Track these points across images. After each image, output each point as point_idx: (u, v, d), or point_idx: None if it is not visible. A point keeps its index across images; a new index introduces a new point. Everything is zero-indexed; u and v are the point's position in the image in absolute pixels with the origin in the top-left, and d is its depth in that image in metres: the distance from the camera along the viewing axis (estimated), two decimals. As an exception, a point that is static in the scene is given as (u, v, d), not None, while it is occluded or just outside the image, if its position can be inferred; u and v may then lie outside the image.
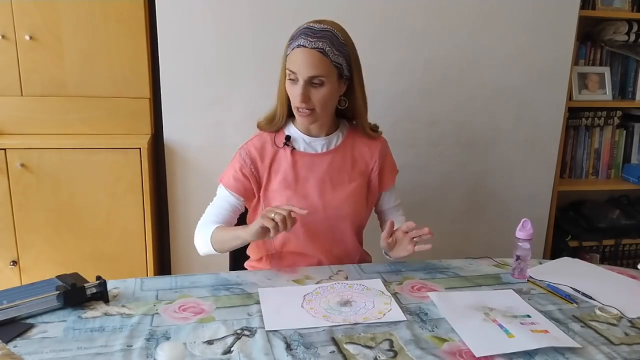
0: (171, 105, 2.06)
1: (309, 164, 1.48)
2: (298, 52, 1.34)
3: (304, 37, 1.34)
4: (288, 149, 1.48)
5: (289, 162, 1.47)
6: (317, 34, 1.34)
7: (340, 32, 1.39)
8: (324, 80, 1.36)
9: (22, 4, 1.91)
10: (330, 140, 1.51)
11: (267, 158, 1.48)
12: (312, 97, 1.37)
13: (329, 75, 1.36)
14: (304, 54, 1.34)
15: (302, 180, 1.47)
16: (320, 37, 1.34)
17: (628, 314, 1.23)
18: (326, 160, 1.49)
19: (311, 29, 1.36)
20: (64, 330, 1.10)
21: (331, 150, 1.50)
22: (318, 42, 1.34)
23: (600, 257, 2.67)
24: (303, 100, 1.36)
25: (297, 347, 1.07)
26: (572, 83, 2.46)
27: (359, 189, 1.51)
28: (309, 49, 1.33)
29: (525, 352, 1.06)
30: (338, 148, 1.51)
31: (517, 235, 1.39)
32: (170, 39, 1.99)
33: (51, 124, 2.03)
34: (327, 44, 1.34)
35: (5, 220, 1.97)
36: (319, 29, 1.36)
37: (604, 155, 2.67)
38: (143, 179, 1.99)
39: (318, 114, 1.41)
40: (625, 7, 2.49)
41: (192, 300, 1.25)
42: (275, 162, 1.48)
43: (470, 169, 2.34)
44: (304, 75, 1.34)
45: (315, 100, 1.37)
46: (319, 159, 1.49)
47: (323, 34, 1.35)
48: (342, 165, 1.50)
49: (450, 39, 2.17)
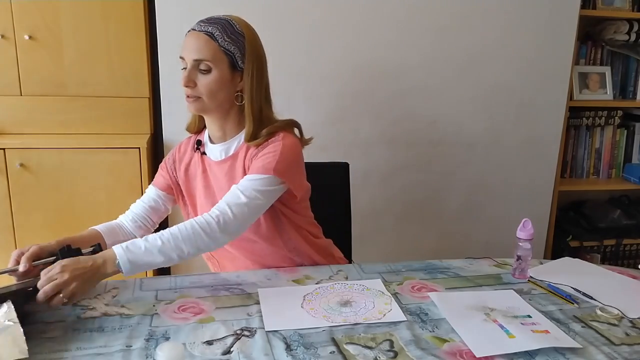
0: (171, 105, 2.06)
1: (213, 171, 1.41)
2: (187, 36, 1.31)
3: (197, 23, 1.31)
4: (199, 153, 1.44)
5: (200, 168, 1.43)
6: (210, 20, 1.31)
7: (238, 23, 1.32)
8: (210, 65, 1.28)
9: (22, 4, 1.91)
10: (229, 146, 1.38)
11: (185, 162, 1.46)
12: (198, 84, 1.30)
13: (216, 61, 1.28)
14: (191, 37, 1.30)
15: (210, 188, 1.42)
16: (212, 23, 1.30)
17: (629, 314, 1.23)
18: (224, 168, 1.38)
19: (207, 17, 1.32)
20: (63, 330, 1.10)
21: (229, 158, 1.38)
22: (208, 27, 1.29)
23: (601, 257, 2.67)
24: (187, 83, 1.29)
25: (297, 347, 1.06)
26: (572, 83, 2.46)
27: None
28: (197, 31, 1.29)
29: (525, 352, 1.05)
30: (235, 154, 1.37)
31: (517, 235, 1.39)
32: (170, 39, 1.99)
33: (50, 123, 2.03)
34: (217, 29, 1.29)
35: (5, 220, 1.97)
36: (214, 17, 1.32)
37: (605, 155, 2.67)
38: (143, 179, 1.99)
39: (205, 102, 1.31)
40: (625, 7, 2.49)
41: (191, 300, 1.24)
42: (191, 166, 1.45)
43: (470, 169, 2.34)
44: (189, 58, 1.29)
45: (202, 86, 1.29)
46: (217, 167, 1.40)
47: (217, 20, 1.31)
48: (235, 174, 1.36)
49: (450, 39, 2.17)
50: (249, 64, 1.32)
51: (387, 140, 2.24)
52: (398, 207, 2.32)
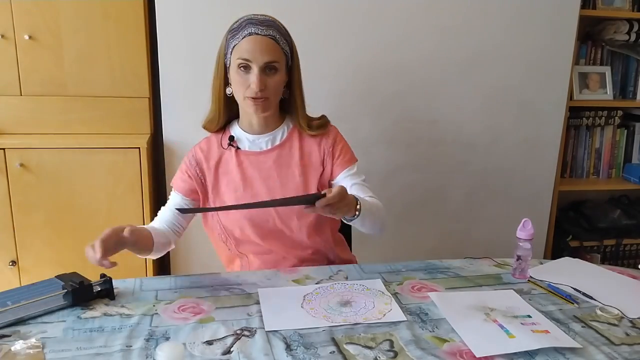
0: (171, 105, 2.06)
1: (254, 163, 1.46)
2: (250, 40, 1.33)
3: (252, 26, 1.34)
4: (233, 149, 1.47)
5: (235, 163, 1.46)
6: (264, 23, 1.35)
7: (281, 24, 1.40)
8: (277, 66, 1.36)
9: (22, 4, 1.91)
10: (274, 135, 1.48)
11: (213, 160, 1.47)
12: (267, 85, 1.35)
13: (281, 62, 1.37)
14: (257, 41, 1.33)
15: (249, 179, 1.46)
16: (269, 26, 1.35)
17: (629, 314, 1.23)
18: (271, 156, 1.47)
19: (256, 19, 1.36)
20: (63, 331, 1.10)
21: (276, 146, 1.48)
22: (268, 30, 1.34)
23: (601, 257, 2.67)
24: (260, 87, 1.34)
25: (297, 347, 1.06)
26: (572, 82, 2.46)
27: (309, 182, 1.47)
28: (262, 35, 1.33)
29: (525, 352, 1.05)
30: (284, 143, 1.48)
31: (517, 235, 1.39)
32: (170, 39, 1.99)
33: (50, 123, 2.03)
34: (276, 32, 1.36)
35: (5, 220, 1.97)
36: (263, 19, 1.37)
37: (605, 155, 2.67)
38: (142, 179, 1.99)
39: (271, 101, 1.40)
40: (625, 7, 2.49)
41: (191, 300, 1.24)
42: (222, 163, 1.47)
43: (471, 169, 2.34)
44: (260, 62, 1.33)
45: (270, 87, 1.36)
46: (263, 156, 1.47)
47: (270, 23, 1.37)
48: (289, 160, 1.47)
49: (451, 39, 2.17)
50: (296, 59, 1.44)
51: (387, 140, 2.24)
52: (398, 207, 2.32)
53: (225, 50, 1.39)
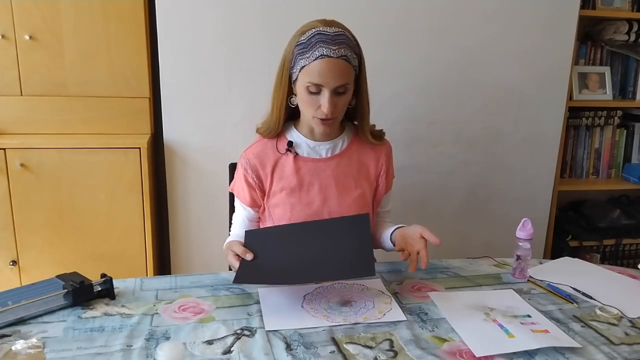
0: (171, 105, 2.06)
1: (313, 170, 1.44)
2: (323, 63, 1.27)
3: (324, 45, 1.27)
4: (291, 154, 1.44)
5: (292, 168, 1.43)
6: (336, 41, 1.28)
7: (349, 32, 1.34)
8: (348, 87, 1.32)
9: (22, 4, 1.91)
10: (335, 144, 1.46)
11: (269, 165, 1.44)
12: (336, 105, 1.32)
13: (351, 82, 1.33)
14: (330, 65, 1.27)
15: (306, 186, 1.43)
16: (340, 43, 1.28)
17: (628, 314, 1.23)
18: (331, 165, 1.45)
19: (327, 35, 1.28)
20: (63, 330, 1.10)
21: (336, 155, 1.46)
22: (340, 50, 1.27)
23: (600, 257, 2.67)
24: (331, 110, 1.31)
25: (297, 347, 1.06)
26: (572, 83, 2.46)
27: (365, 195, 1.47)
28: (335, 58, 1.27)
29: (525, 352, 1.06)
30: (343, 152, 1.46)
31: (517, 235, 1.39)
32: (170, 39, 1.99)
33: (51, 123, 2.03)
34: (348, 50, 1.29)
35: (5, 220, 1.97)
36: (334, 34, 1.29)
37: (604, 155, 2.67)
38: (143, 179, 1.99)
39: (339, 119, 1.39)
40: (625, 7, 2.49)
41: (192, 300, 1.25)
42: (278, 168, 1.44)
43: (470, 169, 2.34)
44: (331, 86, 1.29)
45: (340, 107, 1.34)
46: (323, 163, 1.44)
47: (341, 39, 1.29)
48: (347, 170, 1.46)
49: (450, 39, 2.17)
50: (363, 69, 1.38)
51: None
52: (398, 207, 2.31)
53: (292, 64, 1.33)
